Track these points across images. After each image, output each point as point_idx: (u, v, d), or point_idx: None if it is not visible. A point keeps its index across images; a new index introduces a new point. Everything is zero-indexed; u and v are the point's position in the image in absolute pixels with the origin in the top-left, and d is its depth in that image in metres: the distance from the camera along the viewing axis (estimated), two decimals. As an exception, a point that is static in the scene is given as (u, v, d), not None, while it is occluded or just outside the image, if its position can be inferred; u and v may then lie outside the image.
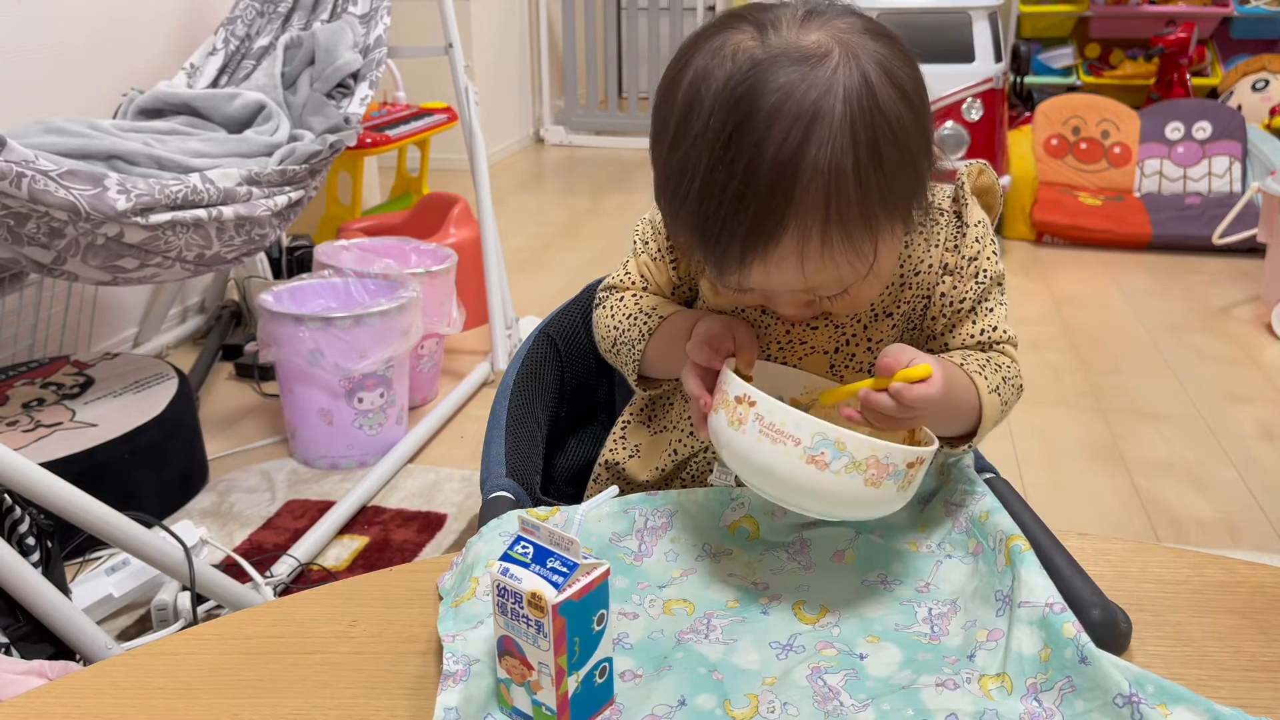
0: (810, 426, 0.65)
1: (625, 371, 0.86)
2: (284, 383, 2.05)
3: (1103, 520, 1.93)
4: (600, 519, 0.77)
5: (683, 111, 0.67)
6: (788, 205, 0.64)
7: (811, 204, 0.64)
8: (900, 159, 0.67)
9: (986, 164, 0.84)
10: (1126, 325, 2.90)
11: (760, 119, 0.63)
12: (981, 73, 3.23)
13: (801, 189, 0.64)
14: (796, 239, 0.65)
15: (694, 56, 0.68)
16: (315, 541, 1.77)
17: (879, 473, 0.66)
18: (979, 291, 0.80)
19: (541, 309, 2.70)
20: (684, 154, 0.67)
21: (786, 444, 0.66)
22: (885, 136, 0.65)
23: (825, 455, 0.65)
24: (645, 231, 0.87)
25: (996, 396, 0.76)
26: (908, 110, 0.66)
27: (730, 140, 0.64)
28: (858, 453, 0.65)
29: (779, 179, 0.64)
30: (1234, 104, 4.16)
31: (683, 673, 0.63)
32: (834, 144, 0.64)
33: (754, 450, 0.67)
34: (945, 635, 0.68)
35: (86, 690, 0.65)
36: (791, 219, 0.64)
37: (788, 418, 0.66)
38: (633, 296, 0.86)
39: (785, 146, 0.63)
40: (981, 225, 0.80)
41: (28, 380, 2.00)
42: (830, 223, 0.65)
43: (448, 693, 0.61)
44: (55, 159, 1.53)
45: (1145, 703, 0.59)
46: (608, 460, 0.92)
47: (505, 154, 4.99)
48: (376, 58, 2.24)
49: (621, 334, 0.85)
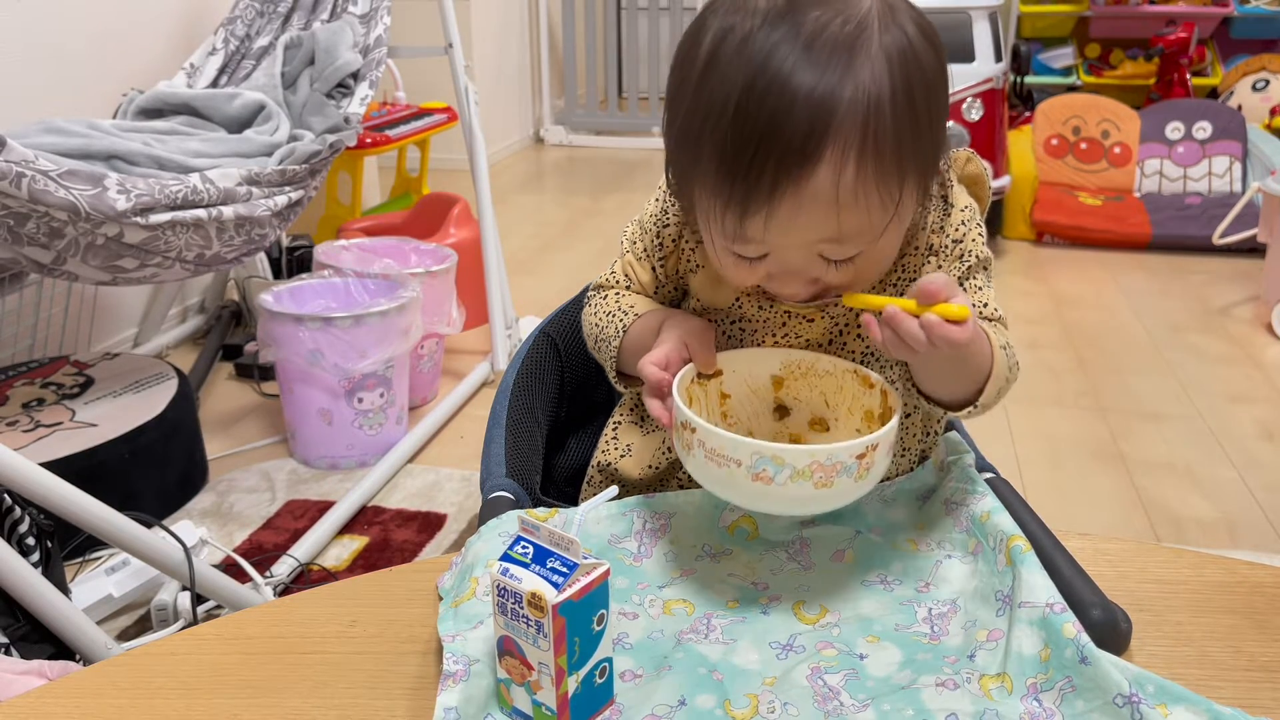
0: (747, 448, 0.66)
1: (606, 368, 0.87)
2: (284, 383, 2.05)
3: (1103, 520, 1.93)
4: (598, 521, 0.77)
5: (711, 49, 0.67)
6: (826, 128, 0.63)
7: (850, 129, 0.64)
8: (929, 108, 0.67)
9: (974, 152, 0.84)
10: (1126, 325, 2.90)
11: (801, 42, 0.63)
12: (981, 73, 3.23)
13: (841, 113, 0.63)
14: (832, 167, 0.64)
15: (712, 15, 0.68)
16: (315, 541, 1.77)
17: (826, 474, 0.67)
18: (963, 270, 0.80)
19: (541, 309, 2.70)
20: (714, 87, 0.66)
21: (730, 466, 0.67)
22: (918, 81, 0.66)
23: (768, 471, 0.66)
24: (633, 232, 0.87)
25: (1004, 354, 0.76)
26: (937, 65, 0.68)
27: (768, 62, 0.63)
28: (797, 463, 0.66)
29: (821, 100, 0.63)
30: (1234, 104, 4.17)
31: (683, 673, 0.63)
32: (874, 73, 0.64)
33: (704, 471, 0.70)
34: (945, 635, 0.68)
35: (86, 690, 0.65)
36: (829, 144, 0.64)
37: (724, 443, 0.67)
38: (615, 294, 0.87)
39: (828, 71, 0.63)
40: (968, 210, 0.80)
41: (28, 380, 2.00)
42: (866, 153, 0.64)
43: (448, 693, 0.61)
44: (55, 159, 1.53)
45: (1145, 703, 0.59)
46: (600, 462, 0.91)
47: (505, 154, 4.99)
48: (376, 58, 2.24)
49: (600, 330, 0.86)
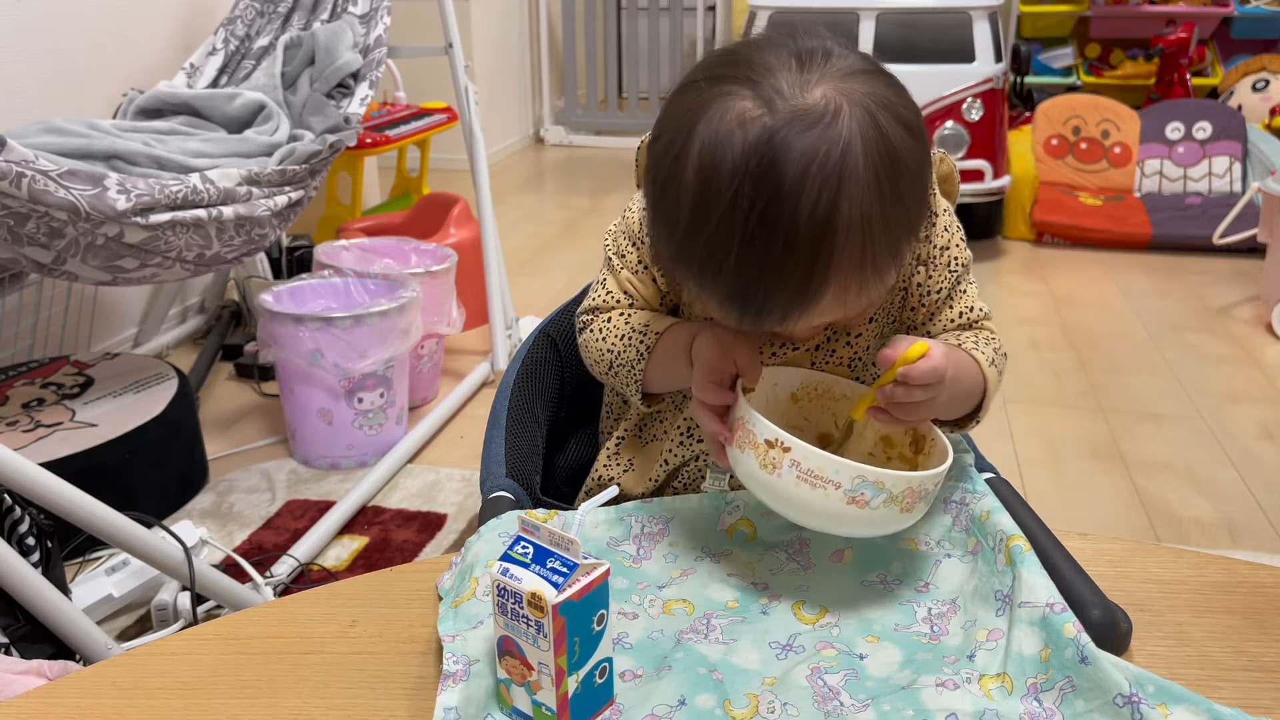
0: (849, 471, 0.67)
1: (628, 393, 0.85)
2: (284, 383, 2.05)
3: (1103, 520, 1.93)
4: (597, 525, 0.77)
5: (698, 190, 0.66)
6: (829, 266, 0.65)
7: (849, 259, 0.65)
8: (916, 195, 0.69)
9: (945, 152, 0.85)
10: (1126, 325, 2.90)
11: (789, 190, 0.63)
12: (981, 73, 3.23)
13: (840, 248, 0.64)
14: (836, 291, 0.66)
15: (694, 128, 0.66)
16: (315, 541, 1.77)
17: (913, 499, 0.69)
18: (953, 279, 0.81)
19: (541, 309, 2.70)
20: (709, 235, 0.66)
21: (827, 488, 0.68)
22: (903, 177, 0.66)
23: (866, 495, 0.68)
24: (619, 244, 0.85)
25: (995, 370, 0.79)
26: (915, 144, 0.67)
27: (763, 216, 0.64)
28: (895, 488, 0.68)
29: (818, 244, 0.64)
30: (1234, 104, 4.16)
31: (683, 673, 0.63)
32: (863, 199, 0.64)
33: (791, 492, 0.69)
34: (945, 635, 0.68)
35: (86, 690, 0.65)
36: (832, 276, 0.65)
37: (826, 464, 0.67)
38: (621, 316, 0.84)
39: (819, 211, 0.63)
40: (948, 214, 0.82)
41: (28, 380, 2.00)
42: (865, 269, 0.66)
43: (448, 693, 0.61)
44: (55, 159, 1.53)
45: (1145, 703, 0.59)
46: (601, 477, 0.91)
47: (505, 154, 4.99)
48: (376, 58, 2.24)
49: (617, 356, 0.84)
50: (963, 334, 0.81)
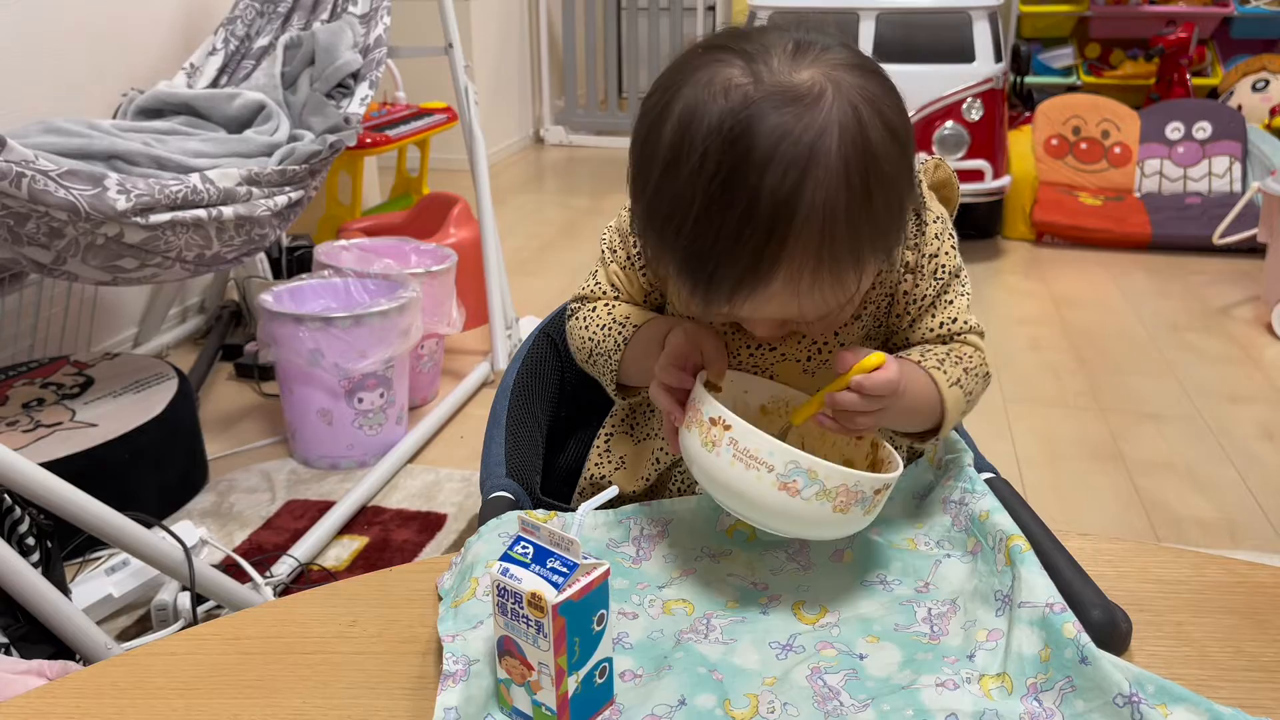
0: (784, 455, 0.66)
1: (604, 382, 0.86)
2: (284, 383, 2.05)
3: (1103, 520, 1.93)
4: (596, 527, 0.77)
5: (672, 146, 0.66)
6: (782, 247, 0.64)
7: (805, 245, 0.64)
8: (888, 200, 0.67)
9: (942, 159, 0.85)
10: (1126, 325, 2.90)
11: (756, 160, 0.63)
12: (981, 73, 3.23)
13: (796, 231, 0.64)
14: (787, 277, 0.66)
15: (681, 89, 0.66)
16: (315, 542, 1.77)
17: (847, 499, 0.67)
18: (939, 287, 0.81)
19: (541, 309, 2.70)
20: (675, 192, 0.66)
21: (760, 470, 0.67)
22: (876, 179, 0.65)
23: (798, 483, 0.66)
24: (613, 240, 0.86)
25: (959, 389, 0.77)
26: (896, 149, 0.67)
27: (727, 181, 0.63)
28: (829, 481, 0.66)
29: (775, 221, 0.64)
30: (1234, 104, 4.16)
31: (683, 673, 0.63)
32: (829, 186, 0.64)
33: (726, 473, 0.68)
34: (945, 635, 0.68)
35: (86, 690, 0.65)
36: (785, 260, 0.65)
37: (762, 444, 0.67)
38: (605, 306, 0.86)
39: (782, 188, 0.63)
40: (940, 221, 0.81)
41: (28, 380, 2.00)
42: (821, 262, 0.65)
43: (448, 693, 0.61)
44: (55, 159, 1.53)
45: (1145, 703, 0.59)
46: (593, 475, 0.91)
47: (505, 154, 4.99)
48: (376, 58, 2.24)
49: (597, 345, 0.85)
50: (934, 349, 0.80)
